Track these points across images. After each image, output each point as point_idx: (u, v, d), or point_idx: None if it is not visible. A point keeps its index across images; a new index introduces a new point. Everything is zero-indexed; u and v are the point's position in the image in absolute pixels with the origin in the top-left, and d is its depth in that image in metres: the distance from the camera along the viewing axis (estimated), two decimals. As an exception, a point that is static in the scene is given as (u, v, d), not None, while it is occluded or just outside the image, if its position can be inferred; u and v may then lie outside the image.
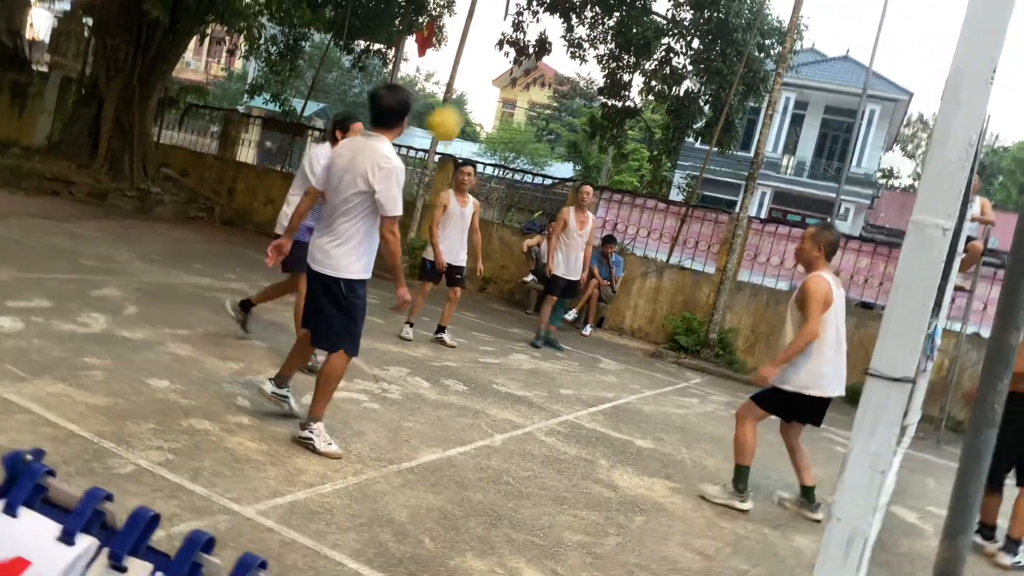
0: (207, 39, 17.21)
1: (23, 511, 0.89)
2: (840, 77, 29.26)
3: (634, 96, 18.65)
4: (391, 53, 19.30)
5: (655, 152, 20.68)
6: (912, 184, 46.30)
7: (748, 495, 4.87)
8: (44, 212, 10.75)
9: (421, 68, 51.55)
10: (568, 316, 10.94)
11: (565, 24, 17.35)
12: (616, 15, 16.93)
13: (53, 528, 0.89)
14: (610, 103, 18.57)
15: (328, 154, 4.87)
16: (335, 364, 4.26)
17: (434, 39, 17.46)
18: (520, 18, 17.32)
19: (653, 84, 17.81)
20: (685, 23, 16.68)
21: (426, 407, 5.53)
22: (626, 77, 18.11)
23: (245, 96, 26.47)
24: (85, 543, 0.88)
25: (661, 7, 17.00)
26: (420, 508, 3.74)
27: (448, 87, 14.25)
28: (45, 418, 3.76)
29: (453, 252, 7.91)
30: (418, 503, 3.79)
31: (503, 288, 12.73)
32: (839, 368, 4.96)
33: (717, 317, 10.82)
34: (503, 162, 29.74)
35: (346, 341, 4.26)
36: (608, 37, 17.50)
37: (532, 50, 17.75)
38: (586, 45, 17.75)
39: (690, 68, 17.19)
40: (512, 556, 3.46)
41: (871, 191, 29.93)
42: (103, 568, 0.87)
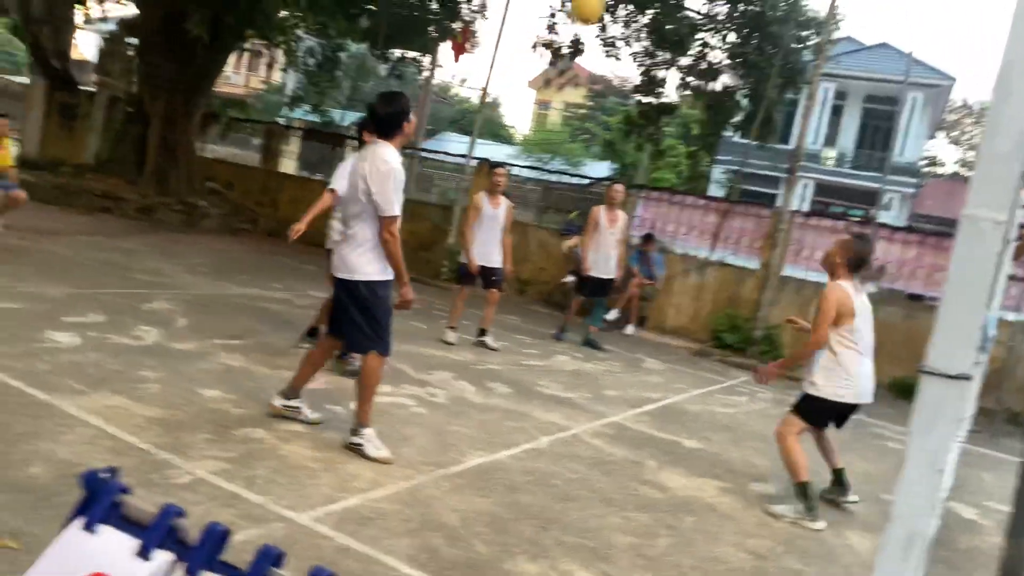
0: (247, 53, 17.50)
1: (102, 528, 0.93)
2: (879, 65, 28.69)
3: (670, 93, 18.53)
4: (426, 60, 19.46)
5: (693, 148, 20.51)
6: (957, 171, 45.20)
7: (818, 513, 4.58)
8: (95, 228, 11.04)
9: (456, 73, 51.79)
10: (610, 316, 10.90)
11: (599, 23, 17.30)
12: (649, 12, 16.84)
13: (131, 544, 0.92)
14: (646, 100, 18.47)
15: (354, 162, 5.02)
16: (370, 367, 4.36)
17: (468, 44, 17.55)
18: (554, 20, 17.33)
19: (689, 80, 17.68)
20: (720, 18, 16.53)
21: (472, 410, 5.57)
22: (661, 74, 17.99)
23: (285, 108, 26.88)
24: (161, 558, 0.91)
25: (695, 3, 16.84)
26: (470, 512, 3.76)
27: (484, 91, 14.32)
28: (105, 431, 3.87)
29: (488, 254, 7.96)
30: (468, 507, 3.82)
31: (542, 290, 12.74)
32: (868, 372, 4.89)
33: (762, 313, 10.70)
34: (539, 163, 29.73)
35: (375, 342, 4.36)
36: (642, 35, 17.41)
37: (566, 51, 17.74)
38: (620, 43, 17.69)
39: (726, 62, 17.03)
40: (564, 559, 3.47)
41: (916, 180, 29.31)
42: (179, 582, 0.91)
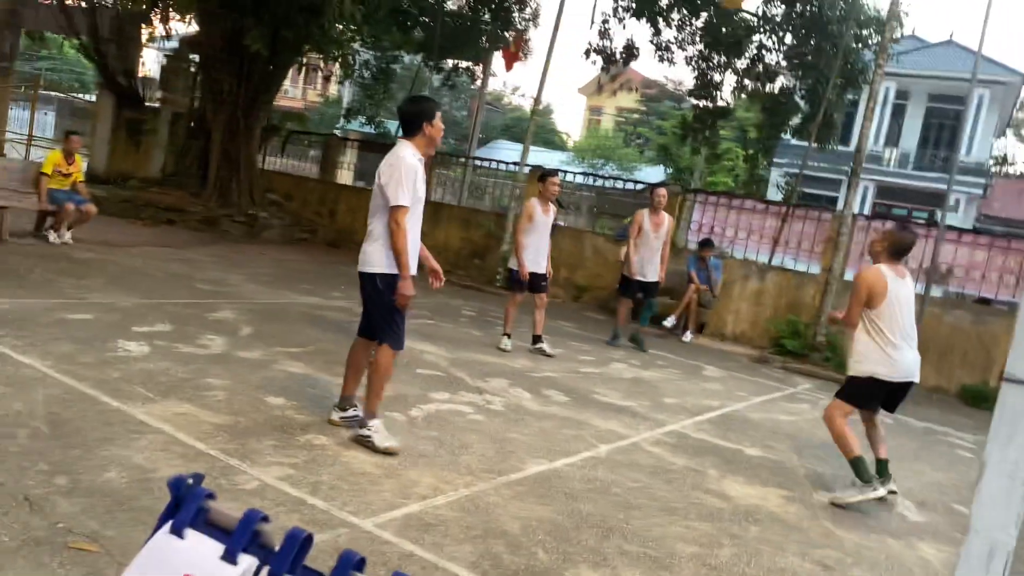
0: (304, 68, 17.86)
1: (189, 532, 0.96)
2: (944, 63, 27.91)
3: (726, 95, 18.33)
4: (479, 70, 19.60)
5: (750, 151, 20.22)
6: (1029, 170, 43.61)
7: (877, 481, 4.87)
8: (161, 240, 11.38)
9: (508, 82, 52.09)
10: (667, 323, 10.80)
11: (652, 28, 17.22)
12: (704, 15, 16.69)
13: (216, 548, 0.95)
14: (701, 104, 18.29)
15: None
16: (380, 358, 4.49)
17: (521, 53, 17.63)
18: (606, 26, 17.30)
19: (745, 82, 17.45)
20: (777, 19, 16.28)
21: (529, 418, 5.57)
22: (717, 77, 17.81)
23: (341, 120, 27.35)
24: (246, 562, 0.94)
25: (751, 4, 16.64)
26: (531, 519, 3.76)
27: (536, 98, 14.36)
28: (175, 437, 3.98)
29: (537, 260, 8.00)
30: (529, 514, 3.82)
31: (598, 296, 12.69)
32: (907, 355, 5.05)
33: (824, 319, 10.47)
34: (591, 169, 29.64)
35: (387, 335, 4.48)
36: (697, 38, 17.26)
37: (619, 56, 17.68)
38: (674, 47, 17.56)
39: (784, 64, 16.77)
40: (626, 568, 3.44)
41: (983, 180, 28.39)
42: (264, 586, 0.93)
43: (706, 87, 17.90)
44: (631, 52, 17.63)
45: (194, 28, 15.71)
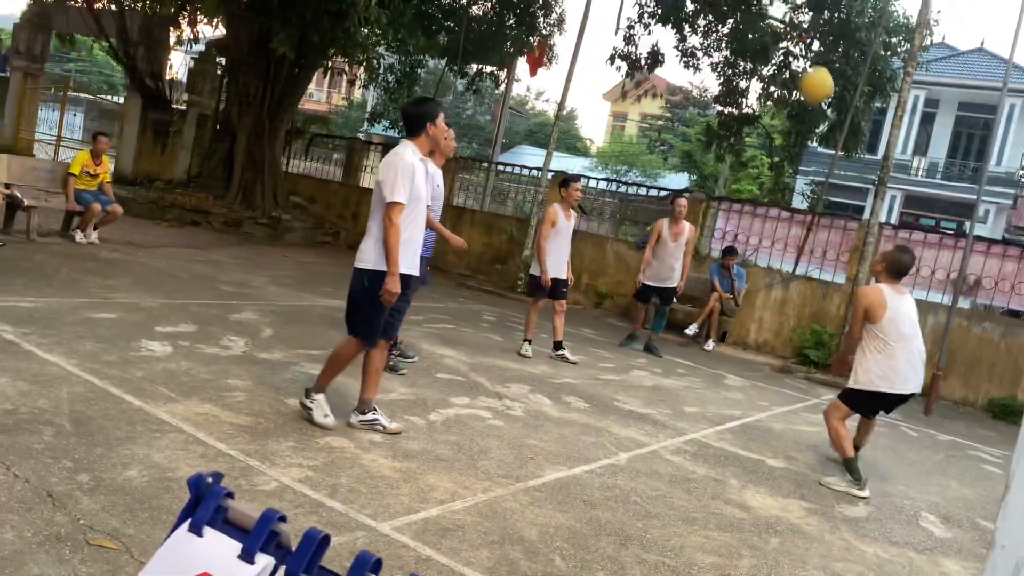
0: (329, 71, 17.98)
1: (207, 530, 0.96)
2: (974, 71, 27.60)
3: (751, 103, 18.21)
4: (503, 75, 19.62)
5: (776, 159, 20.07)
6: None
7: (865, 483, 5.25)
8: (186, 241, 11.49)
9: (532, 87, 52.17)
10: (689, 331, 10.73)
11: (677, 34, 17.16)
12: (730, 22, 16.60)
13: (234, 547, 0.94)
14: (726, 111, 18.19)
15: None
16: (345, 346, 4.62)
17: (545, 58, 17.63)
18: (631, 31, 17.25)
19: (772, 89, 17.33)
20: (804, 26, 16.17)
21: (549, 424, 5.55)
22: (743, 84, 17.70)
23: (365, 124, 27.50)
24: (263, 562, 0.93)
25: (778, 11, 16.48)
26: (549, 526, 3.74)
27: (560, 104, 14.35)
28: (196, 437, 4.00)
29: (559, 266, 7.99)
30: (547, 521, 3.80)
31: (619, 303, 12.64)
32: (909, 370, 5.37)
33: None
34: (614, 175, 29.59)
35: (361, 328, 4.57)
36: (722, 44, 17.17)
37: (644, 63, 17.62)
38: (699, 54, 17.48)
39: (811, 71, 16.62)
40: (644, 577, 3.41)
41: (1014, 191, 28.01)
42: (280, 586, 0.92)
43: (731, 94, 17.80)
44: (656, 58, 17.56)
45: (221, 31, 15.87)
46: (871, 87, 15.21)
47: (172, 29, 16.66)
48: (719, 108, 18.68)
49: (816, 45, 16.14)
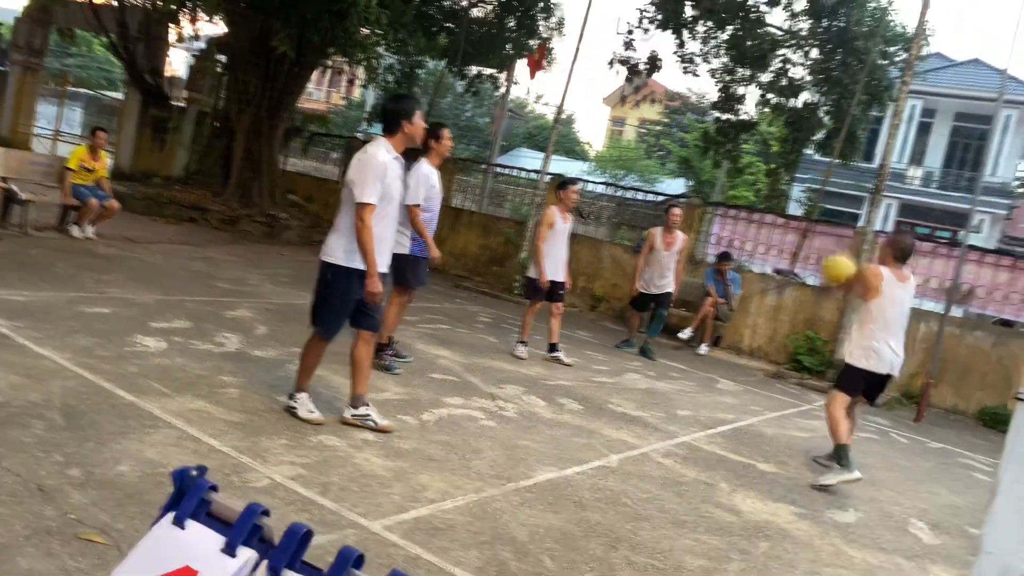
0: (329, 70, 17.98)
1: (190, 523, 0.97)
2: (971, 82, 27.66)
3: (749, 109, 18.26)
4: (503, 77, 19.64)
5: (772, 165, 20.12)
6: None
7: (855, 467, 5.41)
8: (183, 238, 11.48)
9: (532, 90, 52.23)
10: (683, 335, 10.75)
11: (677, 40, 17.19)
12: (729, 28, 16.64)
13: (217, 540, 0.95)
14: (724, 117, 18.23)
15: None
16: (309, 345, 4.65)
17: (545, 61, 17.65)
18: (631, 36, 17.29)
19: (769, 97, 17.38)
20: (802, 33, 16.21)
21: (541, 425, 5.56)
22: (741, 90, 17.75)
23: (364, 123, 27.50)
24: (246, 555, 0.94)
25: (776, 19, 16.53)
26: (539, 527, 3.75)
27: (559, 107, 14.38)
28: (188, 433, 4.00)
29: (556, 268, 8.00)
30: (537, 522, 3.81)
31: (615, 306, 12.66)
32: (888, 352, 5.57)
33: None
34: (613, 180, 29.61)
35: (319, 322, 4.60)
36: (721, 51, 17.21)
37: (643, 68, 17.66)
38: (698, 60, 17.53)
39: (808, 79, 16.69)
40: (633, 579, 3.42)
41: (1008, 201, 28.09)
42: (262, 579, 0.93)
43: (729, 100, 17.84)
44: (655, 63, 17.61)
45: (222, 29, 15.87)
46: (868, 96, 15.26)
47: (172, 26, 16.64)
48: (717, 114, 18.72)
49: (815, 53, 16.19)
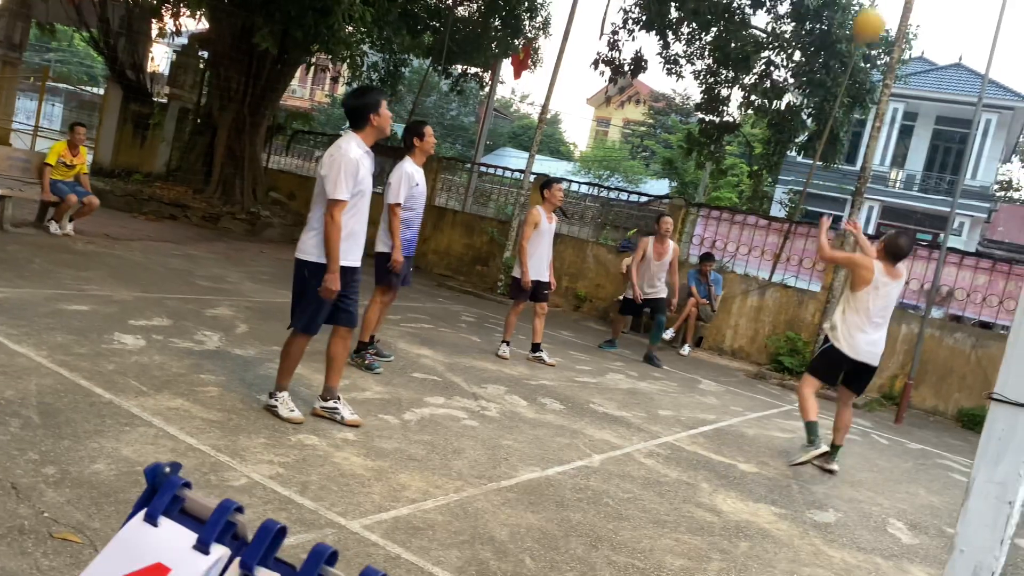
0: (312, 67, 17.91)
1: (163, 520, 0.95)
2: (952, 85, 27.99)
3: (733, 111, 18.34)
4: (488, 76, 19.63)
5: (755, 167, 20.24)
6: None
7: (820, 441, 5.87)
8: (163, 235, 11.39)
9: (517, 90, 52.26)
10: (666, 335, 10.79)
11: (661, 41, 17.25)
12: (713, 30, 16.72)
13: (189, 537, 0.94)
14: (708, 119, 18.31)
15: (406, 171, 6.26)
16: (291, 342, 4.63)
17: (530, 61, 17.67)
18: (615, 37, 17.32)
19: (753, 98, 17.47)
20: (786, 36, 16.31)
21: (524, 425, 5.55)
22: (724, 92, 17.83)
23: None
24: (218, 552, 0.93)
25: (760, 21, 16.64)
26: (520, 527, 3.75)
27: (544, 107, 14.38)
28: (166, 431, 3.97)
29: (540, 268, 8.00)
30: (518, 521, 3.80)
31: (599, 307, 12.68)
32: (865, 342, 5.85)
33: (823, 337, 10.45)
34: (597, 180, 29.67)
35: (298, 319, 4.59)
36: (705, 52, 17.29)
37: (628, 68, 17.71)
38: (683, 61, 17.59)
39: (791, 81, 16.79)
40: (613, 578, 3.42)
41: (988, 204, 28.43)
42: (235, 577, 0.92)
43: (713, 102, 17.92)
44: (639, 64, 17.66)
45: (204, 25, 15.75)
46: (851, 98, 15.37)
47: (154, 21, 16.51)
48: (701, 115, 18.80)
49: (798, 55, 16.29)
